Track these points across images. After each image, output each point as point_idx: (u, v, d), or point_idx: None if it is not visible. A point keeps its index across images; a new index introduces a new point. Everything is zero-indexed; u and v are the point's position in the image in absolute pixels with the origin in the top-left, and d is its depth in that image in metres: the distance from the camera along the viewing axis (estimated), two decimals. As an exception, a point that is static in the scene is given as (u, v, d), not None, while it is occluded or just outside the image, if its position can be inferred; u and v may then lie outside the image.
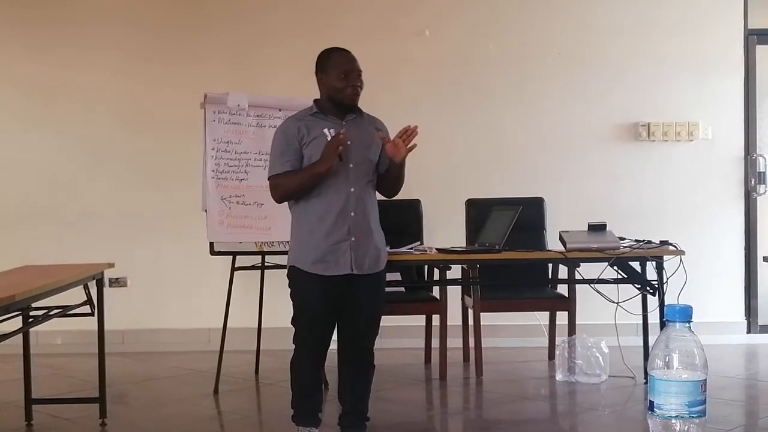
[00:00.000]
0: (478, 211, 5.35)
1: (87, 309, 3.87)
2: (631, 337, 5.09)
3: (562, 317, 5.27)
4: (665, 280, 4.54)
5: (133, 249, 5.99)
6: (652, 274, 4.63)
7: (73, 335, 5.44)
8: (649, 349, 2.87)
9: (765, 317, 6.27)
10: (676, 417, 1.72)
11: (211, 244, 4.72)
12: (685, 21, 6.21)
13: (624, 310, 4.56)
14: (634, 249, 4.57)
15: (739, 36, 6.24)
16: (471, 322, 5.07)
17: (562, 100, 6.19)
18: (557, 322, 5.37)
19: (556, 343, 5.03)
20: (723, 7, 6.22)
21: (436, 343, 5.10)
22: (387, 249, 3.67)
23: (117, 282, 6.01)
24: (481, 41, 6.20)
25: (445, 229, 5.61)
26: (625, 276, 4.65)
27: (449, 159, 6.12)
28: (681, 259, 4.48)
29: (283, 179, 3.48)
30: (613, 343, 4.75)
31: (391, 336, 5.25)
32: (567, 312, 5.17)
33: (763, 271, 6.18)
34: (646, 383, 1.94)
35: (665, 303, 4.47)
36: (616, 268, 4.60)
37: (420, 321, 5.32)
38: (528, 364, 5.34)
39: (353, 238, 3.46)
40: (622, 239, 4.65)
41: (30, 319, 3.72)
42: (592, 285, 4.63)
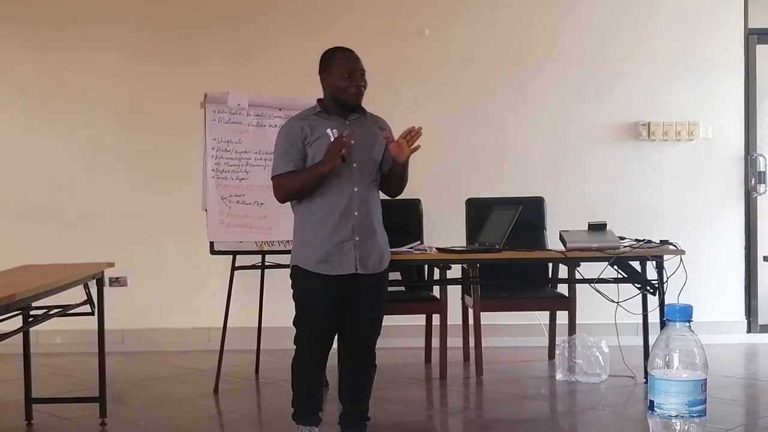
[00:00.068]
0: (478, 210, 5.35)
1: (87, 308, 3.87)
2: (631, 337, 5.09)
3: (562, 317, 5.27)
4: (665, 279, 4.54)
5: (132, 249, 5.98)
6: (652, 274, 4.63)
7: (73, 335, 5.44)
8: (649, 349, 2.87)
9: (765, 317, 6.27)
10: (677, 416, 1.73)
11: (211, 244, 4.72)
12: (686, 20, 6.20)
13: (624, 309, 4.56)
14: (635, 248, 4.57)
15: (739, 35, 6.23)
16: (471, 322, 5.08)
17: (562, 99, 6.19)
18: (557, 322, 5.37)
19: (556, 343, 5.03)
20: (723, 6, 6.22)
21: (436, 342, 5.10)
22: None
23: (117, 281, 6.01)
24: (480, 41, 6.20)
25: (445, 229, 5.61)
26: (625, 275, 4.65)
27: (449, 159, 6.11)
28: (681, 259, 4.47)
29: (286, 179, 3.47)
30: (613, 343, 4.75)
31: (392, 335, 5.22)
32: (567, 311, 5.17)
33: (763, 271, 6.18)
34: (646, 383, 1.94)
35: (665, 302, 4.47)
36: (616, 267, 4.60)
37: (420, 320, 5.32)
38: (528, 364, 5.34)
39: (357, 238, 3.45)
40: (623, 239, 4.65)
41: (30, 319, 3.72)
42: (592, 284, 4.62)
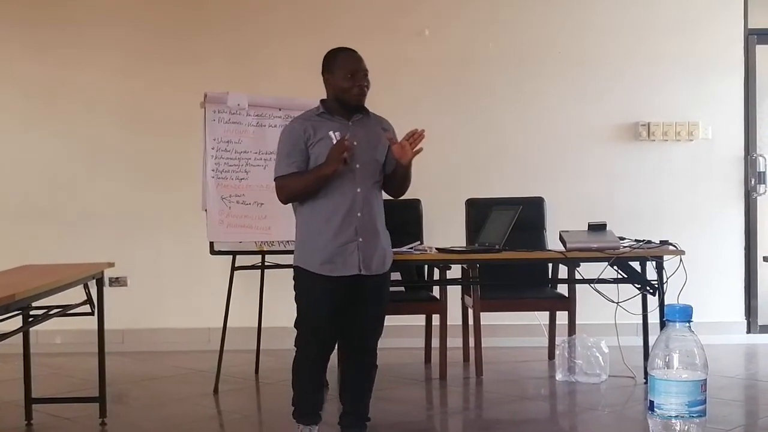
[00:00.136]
0: (478, 210, 5.35)
1: (87, 308, 3.87)
2: (631, 337, 5.09)
3: (562, 317, 5.27)
4: (665, 279, 4.54)
5: (132, 249, 5.98)
6: (652, 274, 4.63)
7: (73, 335, 5.44)
8: (649, 349, 2.87)
9: (765, 317, 6.27)
10: (676, 417, 1.73)
11: (211, 244, 4.72)
12: (686, 20, 6.20)
13: (624, 309, 4.56)
14: (634, 249, 4.57)
15: (739, 36, 6.23)
16: (471, 322, 5.07)
17: (562, 99, 6.19)
18: (557, 322, 5.37)
19: (556, 343, 5.03)
20: (723, 6, 6.22)
21: (436, 342, 5.10)
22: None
23: (117, 281, 6.01)
24: (480, 41, 6.19)
25: (445, 229, 5.60)
26: (625, 276, 4.65)
27: (449, 159, 6.10)
28: (681, 259, 4.47)
29: (289, 180, 3.46)
30: (613, 343, 4.75)
31: (391, 336, 5.20)
32: (567, 312, 5.17)
33: (763, 271, 6.18)
34: (646, 383, 1.94)
35: (665, 303, 4.47)
36: (616, 267, 4.60)
37: (420, 321, 5.32)
38: (528, 364, 5.34)
39: (361, 239, 3.45)
40: (622, 239, 4.65)
41: (30, 319, 3.72)
42: (592, 285, 4.63)
